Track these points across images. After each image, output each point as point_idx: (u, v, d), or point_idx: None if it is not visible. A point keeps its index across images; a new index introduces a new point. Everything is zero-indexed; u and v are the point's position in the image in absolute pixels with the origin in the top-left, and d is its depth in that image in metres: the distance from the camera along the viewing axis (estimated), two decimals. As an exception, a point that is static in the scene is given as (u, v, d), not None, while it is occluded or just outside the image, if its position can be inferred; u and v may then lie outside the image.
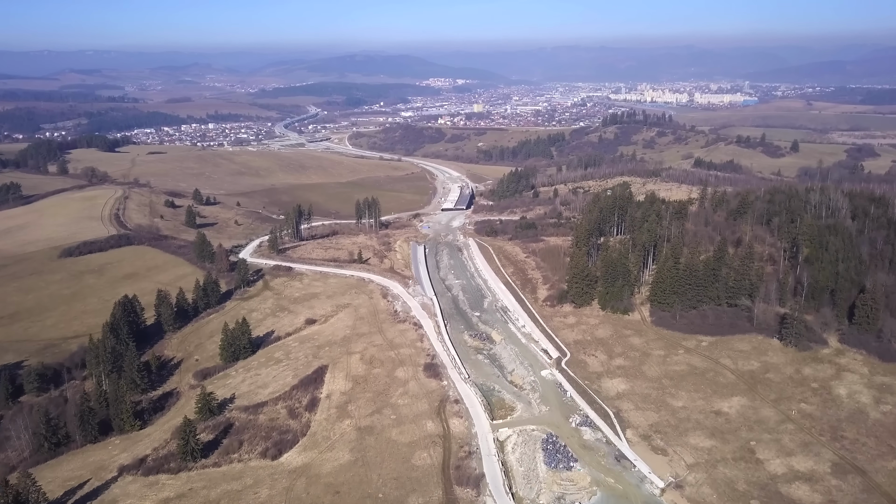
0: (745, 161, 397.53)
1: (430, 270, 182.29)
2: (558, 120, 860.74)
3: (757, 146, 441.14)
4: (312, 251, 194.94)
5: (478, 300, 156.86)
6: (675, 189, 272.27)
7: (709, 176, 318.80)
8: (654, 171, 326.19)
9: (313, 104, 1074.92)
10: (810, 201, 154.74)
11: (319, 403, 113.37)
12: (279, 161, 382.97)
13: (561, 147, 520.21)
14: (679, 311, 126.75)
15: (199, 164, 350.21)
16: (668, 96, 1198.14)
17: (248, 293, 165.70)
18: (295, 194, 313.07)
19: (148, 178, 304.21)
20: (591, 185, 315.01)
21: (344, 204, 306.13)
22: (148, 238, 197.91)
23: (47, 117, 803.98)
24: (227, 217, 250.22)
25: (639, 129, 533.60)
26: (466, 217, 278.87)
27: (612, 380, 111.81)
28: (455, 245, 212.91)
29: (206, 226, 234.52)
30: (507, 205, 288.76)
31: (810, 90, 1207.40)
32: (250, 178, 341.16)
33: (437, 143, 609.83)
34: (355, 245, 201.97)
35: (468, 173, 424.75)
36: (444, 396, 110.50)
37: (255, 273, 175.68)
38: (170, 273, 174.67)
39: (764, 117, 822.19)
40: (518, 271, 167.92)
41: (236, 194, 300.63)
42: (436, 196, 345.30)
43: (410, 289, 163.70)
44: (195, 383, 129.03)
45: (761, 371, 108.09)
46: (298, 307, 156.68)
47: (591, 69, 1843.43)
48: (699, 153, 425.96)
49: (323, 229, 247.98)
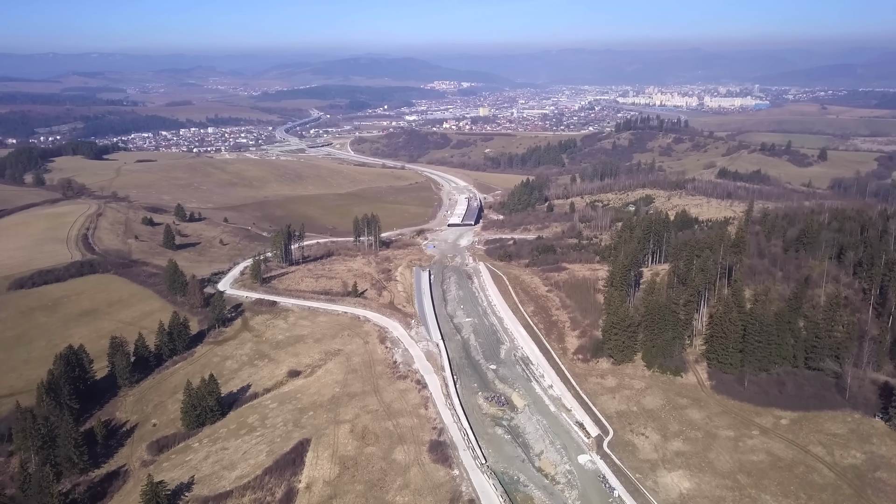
0: (771, 170, 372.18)
1: (436, 304, 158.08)
2: (566, 124, 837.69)
3: (782, 154, 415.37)
4: (301, 280, 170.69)
5: (493, 347, 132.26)
6: (705, 205, 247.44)
7: (737, 188, 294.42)
8: (677, 182, 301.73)
9: (316, 107, 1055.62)
10: (890, 231, 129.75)
11: (297, 498, 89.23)
12: (274, 170, 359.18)
13: (573, 154, 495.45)
14: (747, 375, 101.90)
15: (188, 174, 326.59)
16: (678, 100, 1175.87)
17: (224, 335, 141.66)
18: (289, 208, 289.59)
19: (130, 191, 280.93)
20: (610, 198, 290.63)
21: (342, 218, 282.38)
22: (116, 264, 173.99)
23: (42, 121, 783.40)
24: (211, 235, 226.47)
25: (654, 135, 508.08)
26: (475, 234, 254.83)
27: (670, 473, 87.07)
28: (464, 271, 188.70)
29: (186, 247, 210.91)
30: (520, 220, 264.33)
31: (822, 94, 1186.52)
32: (242, 189, 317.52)
33: (442, 149, 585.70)
34: (351, 273, 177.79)
35: (475, 182, 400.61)
36: (456, 494, 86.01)
37: (233, 309, 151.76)
38: (135, 309, 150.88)
39: (779, 122, 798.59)
40: (540, 310, 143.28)
41: (225, 208, 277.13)
42: (441, 208, 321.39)
43: (413, 330, 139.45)
44: (148, 458, 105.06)
45: (868, 467, 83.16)
46: (281, 354, 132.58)
47: (596, 72, 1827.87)
48: (721, 162, 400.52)
49: (317, 249, 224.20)
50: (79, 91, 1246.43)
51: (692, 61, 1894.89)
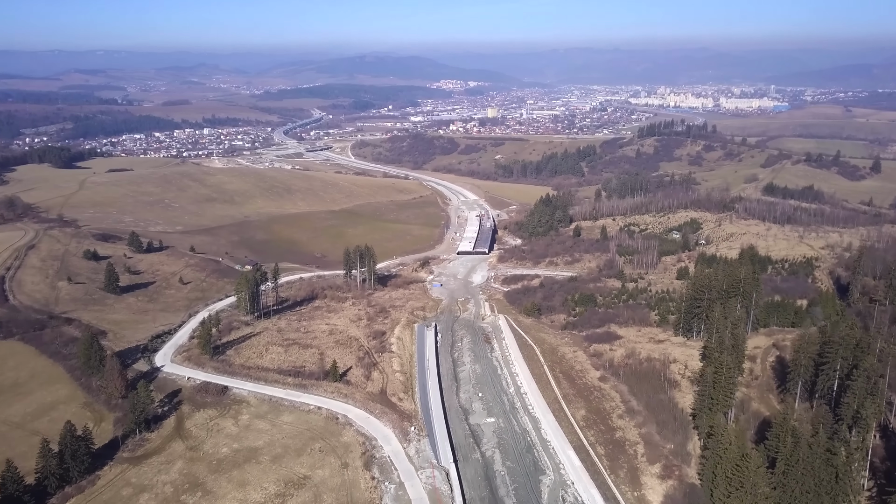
0: (821, 185, 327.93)
1: (445, 388, 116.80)
2: (579, 126, 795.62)
3: (830, 166, 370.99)
4: (266, 350, 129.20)
5: (529, 478, 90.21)
6: (768, 234, 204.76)
7: (795, 210, 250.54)
8: (724, 202, 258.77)
9: (318, 107, 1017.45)
10: None
11: None
12: (261, 183, 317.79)
13: (592, 162, 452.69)
14: None
15: (160, 188, 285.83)
16: (692, 101, 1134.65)
17: (147, 445, 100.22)
18: (273, 230, 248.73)
19: (85, 211, 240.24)
20: (647, 221, 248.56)
21: (334, 242, 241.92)
22: (27, 324, 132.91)
23: (30, 121, 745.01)
24: (170, 271, 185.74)
25: (681, 142, 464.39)
26: (490, 266, 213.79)
27: None
28: (479, 327, 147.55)
29: (135, 289, 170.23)
30: (543, 249, 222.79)
31: (841, 95, 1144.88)
32: (221, 206, 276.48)
33: (449, 155, 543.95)
34: (332, 337, 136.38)
35: (486, 196, 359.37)
36: None
37: (167, 400, 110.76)
38: (32, 399, 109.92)
39: (805, 126, 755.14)
40: (594, 415, 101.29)
41: (197, 230, 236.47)
42: (449, 229, 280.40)
43: (412, 445, 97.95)
44: None
45: None
46: (221, 483, 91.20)
47: (604, 71, 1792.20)
48: (764, 175, 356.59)
49: (299, 288, 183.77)
50: (77, 89, 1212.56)
51: (701, 61, 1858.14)
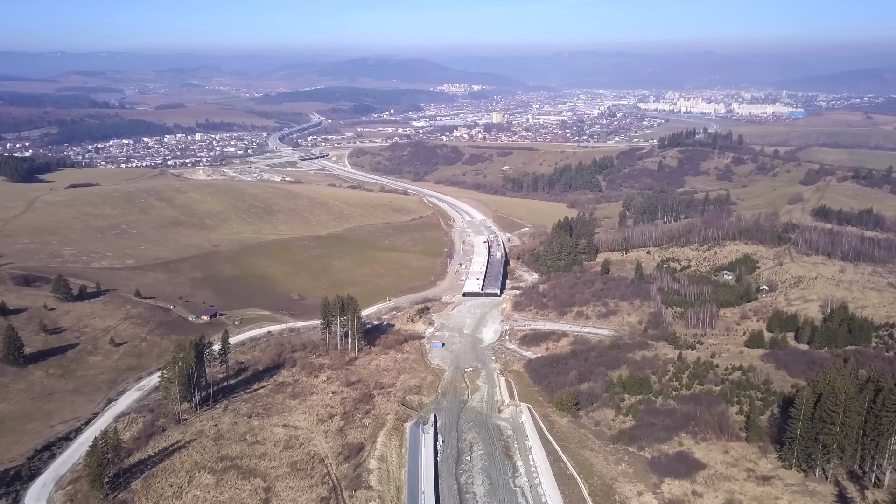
0: (877, 206, 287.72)
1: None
2: (589, 133, 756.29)
3: (882, 183, 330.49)
4: (188, 483, 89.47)
5: None
6: (856, 286, 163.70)
7: (863, 243, 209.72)
8: (776, 230, 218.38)
9: (318, 111, 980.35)
10: None
11: None
12: (238, 202, 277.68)
13: (610, 176, 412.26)
14: None
15: (119, 210, 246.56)
16: (703, 106, 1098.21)
17: None
18: (244, 263, 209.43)
19: (19, 240, 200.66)
20: (689, 255, 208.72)
21: (315, 280, 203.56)
22: None
23: (13, 126, 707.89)
24: (102, 327, 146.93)
25: (707, 153, 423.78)
26: (504, 316, 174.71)
27: None
28: (494, 427, 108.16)
29: (49, 356, 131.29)
30: (567, 294, 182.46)
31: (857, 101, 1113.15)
32: (188, 231, 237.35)
33: (452, 165, 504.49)
34: (288, 454, 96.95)
35: (495, 215, 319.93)
36: None
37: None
38: None
39: (828, 134, 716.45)
40: None
41: (153, 265, 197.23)
42: (453, 259, 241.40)
43: None
44: None
45: None
46: None
47: (610, 75, 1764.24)
48: (808, 194, 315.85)
49: (263, 349, 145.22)
50: (73, 91, 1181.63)
51: (708, 65, 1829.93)
